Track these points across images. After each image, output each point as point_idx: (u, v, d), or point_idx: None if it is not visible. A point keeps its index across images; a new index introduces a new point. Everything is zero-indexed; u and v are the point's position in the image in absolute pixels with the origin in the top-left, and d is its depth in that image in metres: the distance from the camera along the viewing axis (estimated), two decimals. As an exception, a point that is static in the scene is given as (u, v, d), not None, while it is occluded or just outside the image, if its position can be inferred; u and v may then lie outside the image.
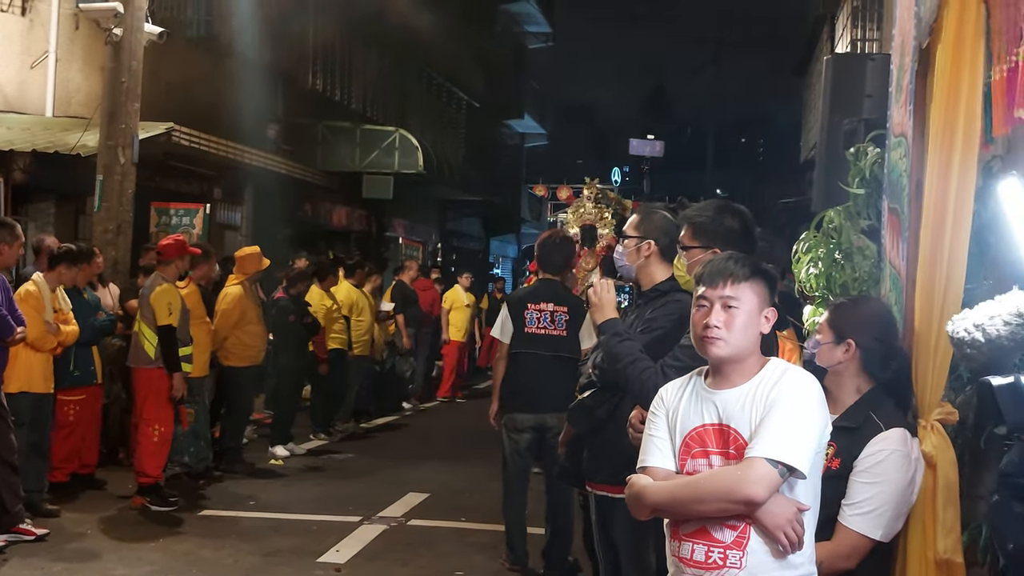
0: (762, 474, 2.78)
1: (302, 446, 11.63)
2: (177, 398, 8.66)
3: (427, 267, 20.36)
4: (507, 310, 7.16)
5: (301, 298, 11.47)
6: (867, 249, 4.67)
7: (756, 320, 2.98)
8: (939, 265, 3.35)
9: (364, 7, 19.59)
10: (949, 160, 3.25)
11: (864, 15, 16.47)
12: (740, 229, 3.96)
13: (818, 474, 2.95)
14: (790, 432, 2.81)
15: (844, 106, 5.24)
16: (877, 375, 3.53)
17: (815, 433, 2.86)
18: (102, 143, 10.98)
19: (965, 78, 3.09)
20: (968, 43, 3.05)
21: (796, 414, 2.84)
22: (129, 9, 10.96)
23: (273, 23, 17.01)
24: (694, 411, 3.00)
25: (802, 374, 2.97)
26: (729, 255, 3.10)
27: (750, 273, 2.99)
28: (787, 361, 3.11)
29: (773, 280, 3.03)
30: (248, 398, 10.72)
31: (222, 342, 9.99)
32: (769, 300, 3.01)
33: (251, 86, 15.88)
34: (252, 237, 16.01)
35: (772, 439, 2.80)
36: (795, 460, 2.79)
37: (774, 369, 2.96)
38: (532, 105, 36.72)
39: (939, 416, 3.50)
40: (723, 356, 2.97)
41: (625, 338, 4.04)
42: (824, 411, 2.92)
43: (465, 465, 10.86)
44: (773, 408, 2.85)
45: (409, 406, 15.74)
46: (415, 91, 25.60)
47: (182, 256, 9.04)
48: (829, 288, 4.82)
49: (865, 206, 4.69)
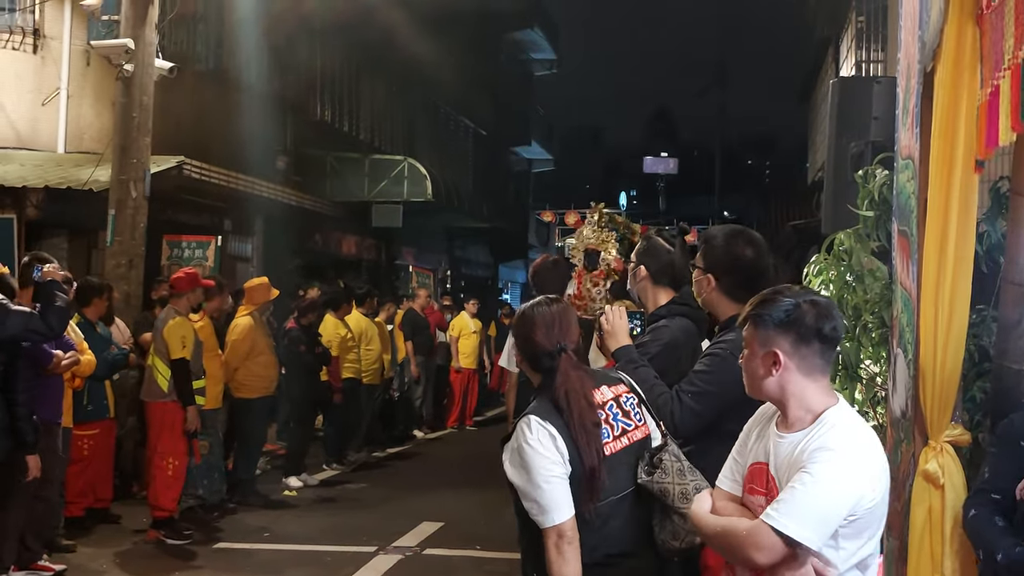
0: (765, 542, 2.73)
1: (315, 476, 11.61)
2: (191, 431, 8.67)
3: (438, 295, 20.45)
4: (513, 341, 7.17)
5: (312, 328, 11.48)
6: (878, 271, 4.69)
7: (762, 366, 2.86)
8: (943, 287, 3.35)
9: (370, 38, 19.74)
10: (950, 182, 3.27)
11: (868, 37, 16.51)
12: (749, 257, 3.94)
13: (868, 531, 2.82)
14: (805, 503, 2.71)
15: (851, 129, 5.27)
16: None
17: (837, 505, 2.72)
18: (114, 178, 11.05)
19: (964, 101, 3.12)
20: (966, 66, 3.08)
21: (819, 484, 2.71)
22: (140, 45, 11.04)
23: (281, 55, 17.15)
24: (758, 446, 2.99)
25: (847, 435, 2.79)
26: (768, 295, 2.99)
27: (748, 320, 2.92)
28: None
29: (775, 319, 2.84)
30: (261, 429, 10.72)
31: (233, 373, 10.00)
32: (773, 343, 2.84)
33: (260, 118, 15.98)
34: (263, 268, 16.07)
35: (784, 507, 2.73)
36: (801, 535, 2.69)
37: (825, 423, 2.82)
38: (539, 131, 36.87)
39: (950, 438, 3.49)
40: (753, 397, 2.98)
41: (640, 365, 4.04)
42: (861, 479, 2.74)
43: (478, 493, 10.84)
44: (801, 471, 2.76)
45: (420, 434, 15.72)
46: (422, 120, 25.72)
47: (194, 289, 9.07)
48: (841, 309, 4.83)
49: (875, 228, 4.71)
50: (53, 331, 6.83)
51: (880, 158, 4.75)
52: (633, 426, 3.43)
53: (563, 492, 3.23)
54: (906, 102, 3.89)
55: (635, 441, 3.40)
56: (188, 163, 12.61)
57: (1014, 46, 2.65)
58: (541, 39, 34.35)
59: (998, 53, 2.80)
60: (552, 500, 3.20)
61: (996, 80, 2.81)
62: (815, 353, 2.82)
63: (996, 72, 2.81)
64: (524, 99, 35.34)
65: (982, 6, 3.01)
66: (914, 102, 3.66)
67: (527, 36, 33.60)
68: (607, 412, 3.39)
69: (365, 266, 21.82)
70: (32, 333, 6.74)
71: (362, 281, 18.55)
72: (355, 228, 20.63)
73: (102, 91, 12.72)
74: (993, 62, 2.85)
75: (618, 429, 3.39)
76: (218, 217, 15.33)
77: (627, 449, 3.37)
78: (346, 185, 19.36)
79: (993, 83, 2.83)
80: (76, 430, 8.51)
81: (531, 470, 3.23)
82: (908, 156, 3.82)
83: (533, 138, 35.69)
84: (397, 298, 17.25)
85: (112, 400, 9.05)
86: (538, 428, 3.27)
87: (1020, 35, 2.59)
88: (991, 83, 2.86)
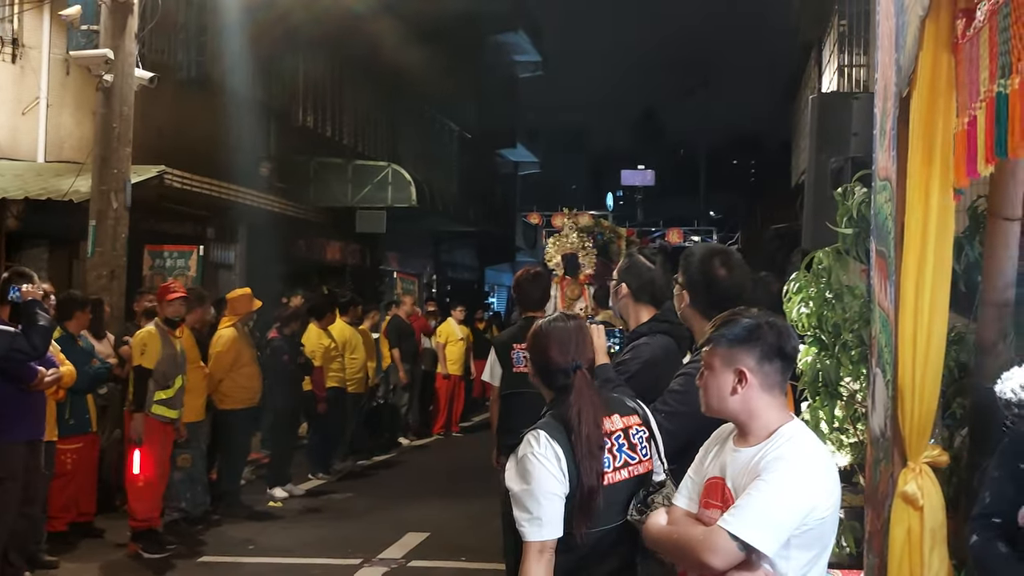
0: (720, 545, 2.82)
1: (300, 487, 11.61)
2: (133, 439, 8.63)
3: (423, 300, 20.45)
4: (494, 353, 7.18)
5: (295, 338, 11.47)
6: (857, 289, 4.71)
7: (723, 385, 2.95)
8: (921, 312, 3.37)
9: (353, 42, 19.72)
10: (927, 208, 3.29)
11: (851, 40, 16.57)
12: (723, 277, 3.99)
13: (818, 545, 2.93)
14: (759, 509, 2.81)
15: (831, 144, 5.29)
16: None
17: (791, 512, 2.82)
18: (95, 188, 11.02)
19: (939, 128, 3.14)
20: (941, 94, 3.10)
21: (773, 491, 2.82)
22: (119, 55, 11.02)
23: (262, 62, 17.13)
24: (714, 463, 3.07)
25: (802, 447, 2.90)
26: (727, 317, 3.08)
27: (711, 341, 3.00)
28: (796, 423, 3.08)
29: (740, 338, 2.94)
30: (245, 441, 10.71)
31: (217, 385, 9.98)
32: (738, 360, 2.94)
33: (242, 125, 15.97)
34: (246, 276, 16.05)
35: (740, 512, 2.82)
36: (755, 539, 2.78)
37: (781, 436, 2.92)
38: (524, 134, 36.94)
39: (928, 459, 3.51)
40: (712, 415, 3.05)
41: (616, 384, 4.06)
42: (815, 489, 2.86)
43: (464, 502, 10.85)
44: (756, 479, 2.85)
45: (406, 441, 15.72)
46: (406, 124, 25.72)
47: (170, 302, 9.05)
48: (821, 327, 4.85)
49: (854, 245, 4.73)
50: (37, 351, 6.85)
51: (860, 175, 4.77)
52: (636, 460, 3.43)
53: (559, 511, 3.25)
54: (883, 123, 3.91)
55: (635, 476, 3.41)
56: (169, 172, 12.58)
57: (988, 79, 2.67)
58: (525, 42, 34.38)
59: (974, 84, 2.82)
60: (547, 516, 3.22)
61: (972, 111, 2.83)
62: (776, 370, 2.94)
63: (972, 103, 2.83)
64: (509, 102, 35.36)
65: (957, 35, 3.03)
66: (891, 124, 3.68)
67: (511, 39, 33.64)
68: (612, 442, 3.40)
69: (349, 272, 21.79)
70: (16, 352, 6.76)
71: (346, 288, 18.53)
72: (339, 234, 20.61)
73: (82, 100, 12.69)
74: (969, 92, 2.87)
75: (620, 460, 3.39)
76: (200, 226, 15.30)
77: (626, 483, 3.37)
78: (330, 191, 19.35)
79: (970, 113, 2.85)
80: (59, 444, 8.50)
81: (533, 482, 3.25)
82: (885, 177, 3.84)
83: (519, 140, 35.74)
84: (382, 304, 17.25)
85: (95, 414, 9.03)
86: (546, 444, 3.29)
87: (994, 69, 2.61)
88: (968, 112, 2.88)
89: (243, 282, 14.98)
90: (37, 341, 6.76)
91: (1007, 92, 2.46)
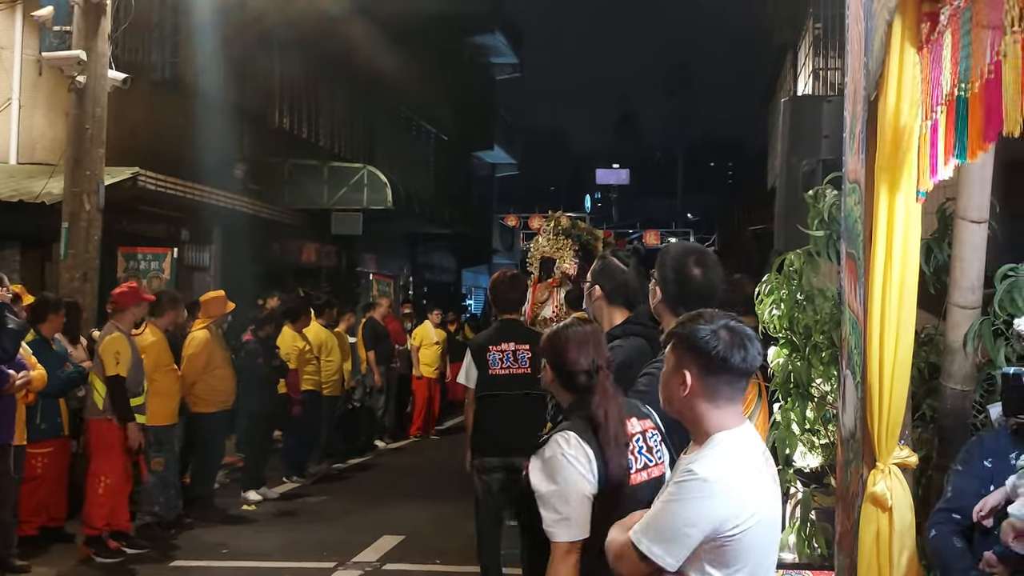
0: (626, 555, 2.85)
1: (274, 490, 11.57)
2: (134, 449, 8.60)
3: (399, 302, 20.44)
4: (470, 356, 7.19)
5: (269, 340, 11.44)
6: (828, 291, 4.75)
7: (673, 385, 2.92)
8: (888, 314, 3.40)
9: (330, 44, 19.68)
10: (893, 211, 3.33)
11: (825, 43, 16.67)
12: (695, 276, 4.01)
13: (738, 562, 2.83)
14: (659, 521, 2.81)
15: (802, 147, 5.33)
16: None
17: (690, 525, 2.75)
18: (67, 190, 10.97)
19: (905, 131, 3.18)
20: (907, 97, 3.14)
21: (675, 503, 2.79)
22: (92, 56, 10.97)
23: (237, 63, 17.07)
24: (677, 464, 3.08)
25: (723, 457, 2.82)
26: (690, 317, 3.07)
27: (668, 339, 3.00)
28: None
29: (688, 342, 2.89)
30: (219, 444, 10.66)
31: (190, 388, 9.94)
32: (685, 364, 2.89)
33: (217, 127, 15.91)
34: (221, 278, 15.99)
35: (645, 523, 2.83)
36: (654, 552, 2.78)
37: (709, 445, 2.87)
38: (501, 135, 36.93)
39: (897, 460, 3.55)
40: (666, 412, 3.08)
41: None
42: (725, 501, 2.75)
43: (439, 505, 10.84)
44: (668, 488, 2.86)
45: (382, 444, 15.70)
46: (383, 125, 25.69)
47: (138, 303, 9.00)
48: (792, 329, 4.89)
49: (825, 248, 4.78)
50: (7, 354, 6.82)
51: (830, 177, 4.82)
52: (654, 463, 3.47)
53: (587, 511, 3.27)
54: (852, 126, 3.95)
55: (653, 478, 3.43)
56: (143, 174, 12.53)
57: (951, 82, 2.70)
58: (503, 44, 34.39)
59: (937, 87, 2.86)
60: (576, 516, 3.25)
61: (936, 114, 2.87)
62: (722, 382, 2.85)
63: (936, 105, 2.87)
64: (486, 103, 35.38)
65: (923, 39, 3.06)
66: (860, 128, 3.72)
67: (489, 40, 33.64)
68: (633, 444, 3.44)
69: (325, 274, 21.76)
70: None
71: (322, 290, 18.51)
72: (314, 236, 20.57)
73: (55, 101, 12.62)
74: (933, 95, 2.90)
75: (640, 462, 3.42)
76: (174, 228, 15.24)
77: (646, 484, 3.40)
78: (305, 193, 19.30)
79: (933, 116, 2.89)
80: (29, 448, 8.44)
81: (563, 482, 3.28)
82: (855, 180, 3.88)
83: (496, 142, 35.73)
84: (358, 307, 17.21)
85: (66, 418, 8.96)
86: (577, 445, 3.32)
87: (956, 72, 2.65)
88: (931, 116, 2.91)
89: (217, 284, 14.94)
90: (7, 344, 6.73)
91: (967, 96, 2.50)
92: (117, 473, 8.63)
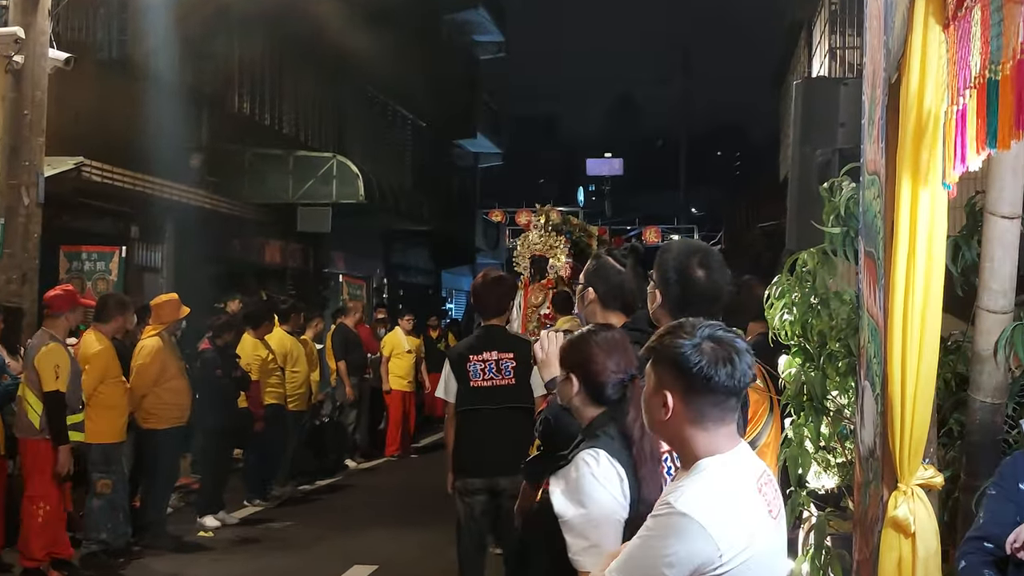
0: None
1: (234, 515, 11.55)
2: (63, 475, 8.54)
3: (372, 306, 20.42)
4: (449, 367, 7.18)
5: (229, 349, 11.42)
6: (845, 294, 4.75)
7: (654, 407, 2.88)
8: (911, 319, 3.40)
9: (295, 21, 19.65)
10: (917, 204, 3.32)
11: (843, 20, 16.72)
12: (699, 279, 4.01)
13: None
14: (629, 557, 2.82)
15: (817, 135, 5.33)
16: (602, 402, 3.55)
17: (662, 564, 2.72)
18: (3, 182, 10.95)
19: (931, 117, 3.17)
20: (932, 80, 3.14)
21: (647, 537, 2.78)
22: (31, 34, 10.94)
23: (193, 42, 17.02)
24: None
25: (700, 489, 2.77)
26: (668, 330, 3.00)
27: (646, 355, 2.94)
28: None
29: (668, 359, 2.83)
30: (172, 463, 10.62)
31: (140, 402, 9.91)
32: (666, 384, 2.84)
33: (170, 112, 15.86)
34: (174, 280, 15.97)
35: (619, 559, 2.85)
36: None
37: (692, 473, 2.84)
38: (485, 122, 36.96)
39: (920, 481, 3.54)
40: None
41: None
42: (699, 537, 2.70)
43: (416, 531, 10.84)
44: (647, 521, 2.83)
45: (353, 464, 15.69)
46: (354, 111, 25.67)
47: (73, 308, 8.95)
48: (806, 336, 4.88)
49: (842, 246, 4.77)
50: None
51: (847, 168, 4.82)
52: None
53: (620, 538, 3.25)
54: (871, 112, 3.95)
55: None
56: (88, 164, 12.51)
57: (981, 63, 2.70)
58: (486, 20, 34.45)
59: (966, 68, 2.85)
60: (606, 542, 3.22)
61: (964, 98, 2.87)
62: (708, 403, 2.80)
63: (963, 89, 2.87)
64: (469, 86, 35.38)
65: (949, 15, 3.06)
66: (879, 113, 3.72)
67: (471, 17, 33.69)
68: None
69: (290, 275, 21.73)
70: None
71: (287, 293, 18.47)
72: (278, 233, 20.55)
73: (-11, 84, 12.57)
74: (961, 78, 2.90)
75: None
76: (123, 224, 15.21)
77: None
78: (268, 185, 19.27)
79: (961, 101, 2.89)
80: (-38, 468, 8.42)
81: (592, 505, 3.27)
82: (874, 171, 3.88)
83: (479, 130, 35.76)
84: (327, 312, 17.19)
85: (2, 435, 8.92)
86: (607, 464, 3.31)
87: (987, 52, 2.65)
88: (958, 100, 2.91)
89: (170, 287, 14.90)
90: None
91: (998, 78, 2.49)
92: (56, 498, 8.59)
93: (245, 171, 19.07)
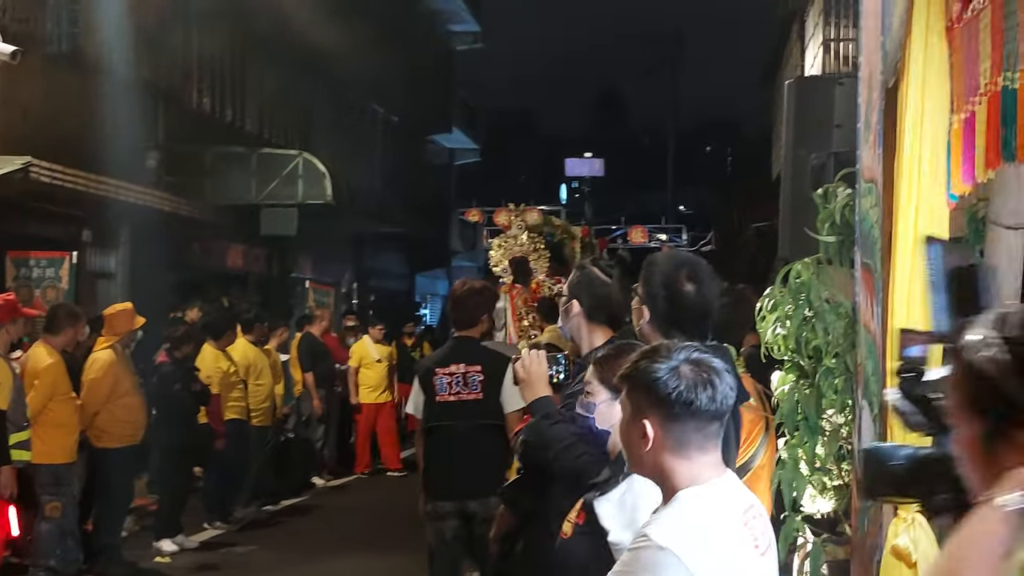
0: None
1: (193, 538, 11.50)
2: (5, 496, 8.48)
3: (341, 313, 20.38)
4: (417, 381, 7.17)
5: (188, 362, 11.38)
6: (841, 307, 4.75)
7: (633, 438, 2.85)
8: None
9: (258, 12, 19.59)
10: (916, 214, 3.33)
11: (838, 11, 16.78)
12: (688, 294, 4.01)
13: None
14: None
15: (810, 137, 5.33)
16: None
17: None
18: (-55, 184, 10.86)
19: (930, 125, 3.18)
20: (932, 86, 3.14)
21: (621, 573, 2.79)
22: (-26, 25, 10.87)
23: (149, 34, 16.97)
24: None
25: (674, 523, 2.77)
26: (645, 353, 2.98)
27: (621, 381, 2.92)
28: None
29: (644, 385, 2.81)
30: (126, 484, 10.57)
31: (92, 419, 9.85)
32: (644, 412, 2.81)
33: (125, 109, 15.81)
34: (130, 287, 15.90)
35: None
36: None
37: (671, 504, 2.83)
38: (461, 116, 36.98)
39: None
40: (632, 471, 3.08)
41: (556, 420, 4.09)
42: (663, 573, 2.69)
43: (387, 556, 10.80)
44: (623, 555, 2.85)
45: (321, 482, 15.64)
46: (321, 106, 25.61)
47: (14, 320, 8.89)
48: (799, 351, 4.89)
49: (837, 255, 4.78)
50: None
51: (843, 173, 4.82)
52: None
53: None
54: (867, 116, 3.95)
55: None
56: (36, 164, 12.43)
57: (991, 70, 2.69)
58: (462, 8, 34.43)
59: (972, 75, 2.85)
60: None
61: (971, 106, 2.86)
62: (690, 429, 2.79)
63: (970, 96, 2.86)
64: (444, 79, 35.38)
65: (952, 18, 3.06)
66: (876, 118, 3.72)
67: (445, 5, 33.69)
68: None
69: (253, 281, 21.69)
70: None
71: (250, 300, 18.40)
72: (241, 236, 20.49)
73: (-70, 79, 12.52)
74: (966, 84, 2.90)
75: None
76: (74, 228, 15.15)
77: None
78: (230, 186, 19.19)
79: (968, 109, 2.88)
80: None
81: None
82: (871, 179, 3.89)
83: (454, 125, 35.78)
84: (293, 320, 17.13)
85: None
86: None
87: (997, 58, 2.64)
88: (965, 108, 2.91)
89: (125, 295, 14.82)
90: None
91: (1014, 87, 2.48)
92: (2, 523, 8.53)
93: (205, 171, 19.00)
